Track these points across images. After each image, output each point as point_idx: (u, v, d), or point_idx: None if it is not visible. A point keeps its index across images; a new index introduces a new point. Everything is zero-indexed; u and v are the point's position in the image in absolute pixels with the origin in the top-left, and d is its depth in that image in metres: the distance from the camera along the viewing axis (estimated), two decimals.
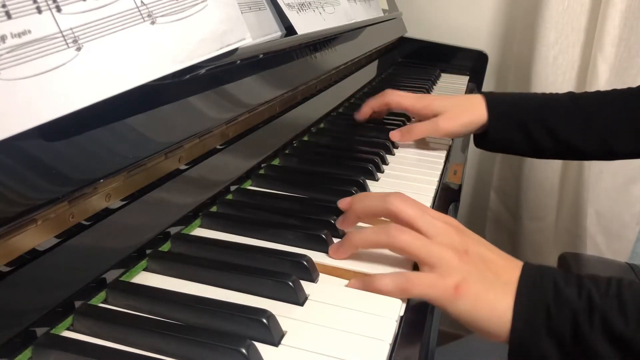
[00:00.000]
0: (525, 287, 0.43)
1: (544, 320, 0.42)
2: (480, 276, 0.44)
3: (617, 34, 1.18)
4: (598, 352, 0.40)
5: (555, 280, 0.43)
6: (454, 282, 0.43)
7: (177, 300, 0.39)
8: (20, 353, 0.33)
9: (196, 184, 0.51)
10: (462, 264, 0.44)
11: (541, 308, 0.42)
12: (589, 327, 0.41)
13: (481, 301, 0.43)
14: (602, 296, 0.41)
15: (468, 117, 0.76)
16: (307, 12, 0.69)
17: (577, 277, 0.44)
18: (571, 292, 0.42)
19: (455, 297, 0.42)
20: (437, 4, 1.44)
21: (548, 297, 0.42)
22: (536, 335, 0.42)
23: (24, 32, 0.31)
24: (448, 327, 1.55)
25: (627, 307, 0.40)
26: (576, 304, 0.41)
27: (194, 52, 0.43)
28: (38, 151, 0.34)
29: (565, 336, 0.41)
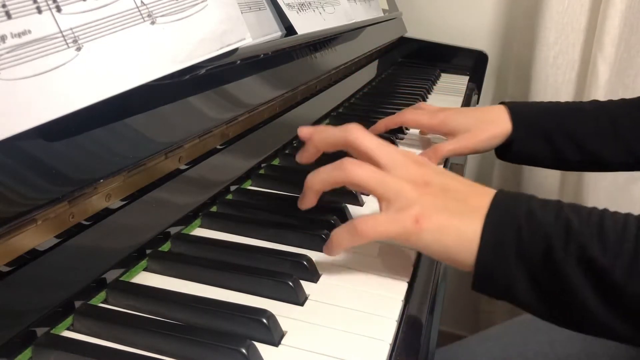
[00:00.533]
0: (496, 210, 0.41)
1: (514, 244, 0.39)
2: (443, 205, 0.42)
3: (617, 34, 1.18)
4: (570, 280, 0.38)
5: (530, 203, 0.41)
6: (413, 214, 0.41)
7: (177, 300, 0.39)
8: (20, 353, 0.33)
9: (196, 184, 0.51)
10: (421, 196, 0.42)
11: (512, 230, 0.40)
12: (563, 253, 0.38)
13: (446, 229, 0.41)
14: (581, 223, 0.39)
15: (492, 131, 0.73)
16: (307, 12, 0.69)
17: (556, 202, 0.41)
18: (547, 215, 0.40)
19: (417, 230, 0.41)
20: (437, 4, 1.44)
21: (520, 219, 0.40)
22: (504, 259, 0.39)
23: (24, 32, 0.31)
24: (448, 327, 1.55)
25: (607, 236, 0.38)
26: (551, 227, 0.39)
27: (194, 52, 0.43)
28: (38, 151, 0.34)
29: (536, 261, 0.39)
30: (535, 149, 0.74)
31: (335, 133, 0.47)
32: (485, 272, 0.40)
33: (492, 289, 0.41)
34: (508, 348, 0.71)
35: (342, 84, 0.92)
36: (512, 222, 0.40)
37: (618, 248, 0.37)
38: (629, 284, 0.37)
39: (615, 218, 0.40)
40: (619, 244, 0.38)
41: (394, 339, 0.38)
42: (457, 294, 1.59)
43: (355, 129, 0.46)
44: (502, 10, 1.40)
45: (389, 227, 0.41)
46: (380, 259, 0.48)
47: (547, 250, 0.39)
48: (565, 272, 0.38)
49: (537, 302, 0.40)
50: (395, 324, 0.40)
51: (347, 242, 0.43)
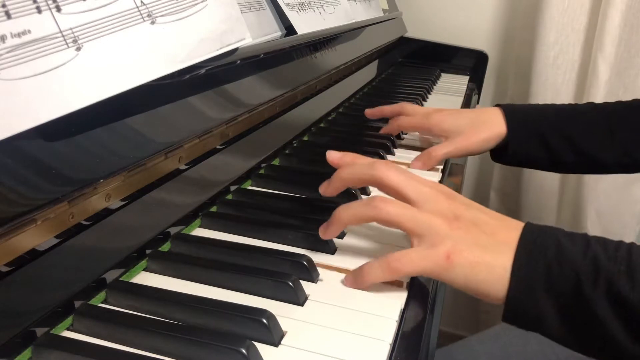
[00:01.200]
0: (525, 244, 0.42)
1: (543, 279, 0.40)
2: (473, 240, 0.42)
3: (617, 34, 1.18)
4: (599, 316, 0.39)
5: (559, 238, 0.41)
6: (445, 251, 0.41)
7: (177, 300, 0.39)
8: (20, 353, 0.33)
9: (196, 184, 0.51)
10: (452, 231, 0.43)
11: (541, 266, 0.40)
12: (591, 288, 0.39)
13: (477, 265, 0.41)
14: (610, 258, 0.39)
15: (487, 133, 0.73)
16: (307, 12, 0.69)
17: (584, 236, 0.42)
18: (575, 251, 0.40)
19: (449, 266, 0.41)
20: (437, 4, 1.44)
21: (549, 255, 0.40)
22: (534, 294, 0.40)
23: (24, 32, 0.31)
24: (448, 327, 1.56)
25: (635, 271, 0.38)
26: (580, 263, 0.40)
27: (194, 52, 0.43)
28: (38, 151, 0.34)
29: (566, 297, 0.40)
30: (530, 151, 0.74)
31: (363, 170, 0.47)
32: (515, 307, 0.41)
33: (523, 322, 0.42)
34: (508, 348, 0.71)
35: (342, 84, 0.92)
36: (541, 257, 0.40)
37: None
38: None
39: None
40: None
41: (394, 339, 0.38)
42: (457, 294, 1.59)
43: (381, 164, 0.47)
44: (502, 10, 1.40)
45: (421, 263, 0.42)
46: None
47: (576, 286, 0.39)
48: (594, 307, 0.39)
49: (568, 335, 0.40)
50: (395, 324, 0.40)
51: (379, 278, 0.43)
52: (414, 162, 0.70)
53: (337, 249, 0.49)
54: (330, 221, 0.47)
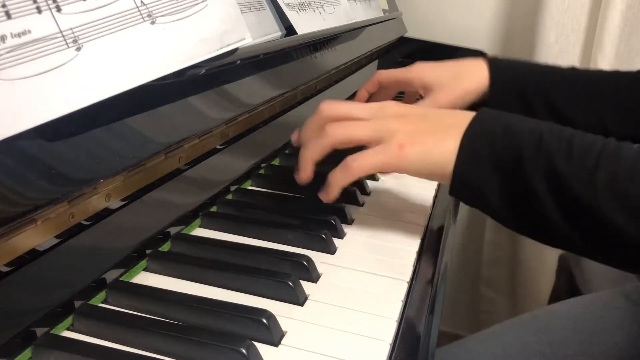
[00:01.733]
0: (475, 122, 0.44)
1: (487, 152, 0.42)
2: (423, 129, 0.45)
3: (617, 34, 1.17)
4: (535, 190, 0.41)
5: (509, 118, 0.44)
6: (397, 142, 0.45)
7: (177, 300, 0.39)
8: (20, 353, 0.33)
9: (196, 184, 0.51)
10: (402, 125, 0.46)
11: (487, 139, 0.43)
12: (532, 161, 0.41)
13: (428, 148, 0.44)
14: (553, 137, 0.42)
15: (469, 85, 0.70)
16: (307, 12, 0.69)
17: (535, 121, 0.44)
18: (523, 128, 0.43)
19: (403, 154, 0.44)
20: (437, 4, 1.44)
21: (497, 131, 0.43)
22: (478, 167, 0.43)
23: (24, 32, 0.31)
24: (448, 327, 1.55)
25: (573, 150, 0.41)
26: (525, 138, 0.42)
27: (194, 52, 0.43)
28: (38, 151, 0.34)
29: (507, 170, 0.42)
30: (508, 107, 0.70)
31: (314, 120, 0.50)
32: (460, 179, 0.44)
33: (467, 195, 0.45)
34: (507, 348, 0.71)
35: (342, 84, 0.92)
36: (490, 133, 0.43)
37: (580, 162, 0.40)
38: (584, 195, 0.40)
39: (584, 136, 0.43)
40: (581, 158, 0.41)
41: (394, 339, 0.38)
42: (457, 294, 1.59)
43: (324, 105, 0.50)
44: (502, 10, 1.40)
45: (377, 157, 0.45)
46: (380, 259, 0.48)
47: (518, 159, 0.42)
48: (532, 181, 0.41)
49: (506, 210, 0.43)
50: (395, 324, 0.40)
51: (342, 181, 0.46)
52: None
53: (337, 249, 0.49)
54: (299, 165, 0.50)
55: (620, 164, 0.40)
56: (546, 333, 0.71)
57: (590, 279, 0.98)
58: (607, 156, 0.41)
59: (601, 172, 0.40)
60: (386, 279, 0.45)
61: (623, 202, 0.39)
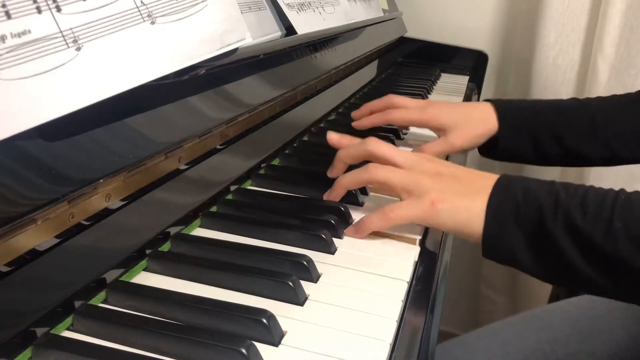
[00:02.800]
0: (498, 188, 0.49)
1: (513, 214, 0.47)
2: (453, 189, 0.50)
3: (617, 34, 1.17)
4: (558, 244, 0.45)
5: (527, 182, 0.49)
6: (429, 199, 0.49)
7: (177, 300, 0.39)
8: (20, 353, 0.33)
9: (196, 184, 0.51)
10: (434, 183, 0.50)
11: (511, 204, 0.47)
12: (552, 219, 0.45)
13: (457, 208, 0.48)
14: (568, 195, 0.46)
15: (480, 130, 0.74)
16: (307, 12, 0.69)
17: (551, 181, 0.49)
18: (540, 190, 0.47)
19: (434, 211, 0.49)
20: (437, 4, 1.44)
21: (518, 195, 0.48)
22: (505, 228, 0.47)
23: (24, 32, 0.31)
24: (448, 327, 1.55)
25: (588, 205, 0.45)
26: (543, 200, 0.46)
27: (194, 52, 0.43)
28: (38, 151, 0.34)
29: (532, 229, 0.46)
30: (519, 145, 0.76)
31: (357, 148, 0.56)
32: (490, 241, 0.48)
33: (498, 255, 0.48)
34: (507, 345, 0.71)
35: (342, 84, 0.92)
36: (511, 196, 0.48)
37: (596, 215, 0.45)
38: (605, 245, 0.44)
39: (596, 191, 0.47)
40: (597, 212, 0.45)
41: (394, 339, 0.38)
42: (457, 294, 1.59)
43: (373, 141, 0.55)
44: (502, 10, 1.40)
45: (412, 211, 0.50)
46: (380, 259, 0.48)
47: (540, 219, 0.46)
48: (554, 237, 0.45)
49: (535, 264, 0.47)
50: (395, 324, 0.40)
51: (376, 226, 0.51)
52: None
53: (337, 249, 0.49)
54: (333, 187, 0.56)
55: (632, 211, 0.44)
56: (546, 331, 0.71)
57: None
58: (620, 207, 0.45)
59: (616, 222, 0.44)
60: (386, 279, 0.45)
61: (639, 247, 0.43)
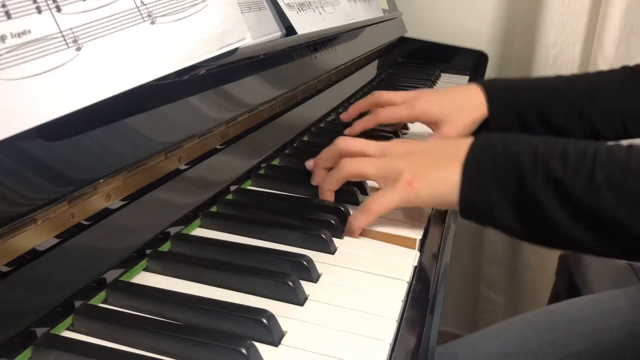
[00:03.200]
0: (474, 147, 0.48)
1: (490, 172, 0.46)
2: (427, 164, 0.50)
3: (617, 34, 1.18)
4: (540, 199, 0.44)
5: (506, 138, 0.48)
6: (406, 180, 0.49)
7: (177, 300, 0.39)
8: (20, 353, 0.33)
9: (196, 184, 0.51)
10: (408, 163, 0.50)
11: (488, 161, 0.47)
12: (531, 173, 0.45)
13: (434, 181, 0.48)
14: (548, 149, 0.46)
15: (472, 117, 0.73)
16: (307, 12, 0.69)
17: (529, 137, 0.48)
18: (519, 145, 0.47)
19: (412, 191, 0.49)
20: (437, 4, 1.44)
21: (496, 151, 0.47)
22: (483, 187, 0.46)
23: (24, 32, 0.31)
24: (448, 327, 1.55)
25: (568, 157, 0.45)
26: (522, 154, 0.46)
27: (194, 52, 0.43)
28: (38, 151, 0.34)
29: (511, 186, 0.45)
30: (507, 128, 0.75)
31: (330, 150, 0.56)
32: (468, 201, 0.47)
33: (477, 215, 0.48)
34: (508, 346, 0.71)
35: (342, 84, 0.92)
36: (489, 154, 0.47)
37: (577, 167, 0.44)
38: (587, 197, 0.43)
39: (576, 144, 0.46)
40: (577, 164, 0.44)
41: (394, 339, 0.38)
42: (457, 294, 1.59)
43: (341, 139, 0.56)
44: (502, 10, 1.40)
45: (392, 197, 0.49)
46: (380, 259, 0.48)
47: (519, 175, 0.45)
48: (535, 192, 0.45)
49: (516, 223, 0.46)
50: (395, 324, 0.40)
51: (364, 222, 0.50)
52: None
53: (337, 249, 0.49)
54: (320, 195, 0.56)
55: (614, 163, 0.44)
56: (547, 332, 0.71)
57: (590, 279, 0.98)
58: (601, 158, 0.44)
59: (598, 173, 0.43)
60: (386, 279, 0.45)
61: (622, 198, 0.43)
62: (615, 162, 0.44)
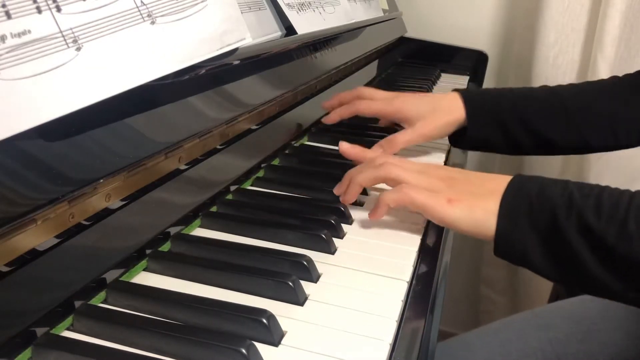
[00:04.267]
0: (512, 187, 0.49)
1: (526, 214, 0.47)
2: (467, 190, 0.51)
3: (617, 34, 1.17)
4: (572, 245, 0.45)
5: (542, 181, 0.49)
6: (446, 197, 0.50)
7: (177, 300, 0.39)
8: (20, 353, 0.33)
9: (196, 184, 0.51)
10: (449, 187, 0.52)
11: (524, 203, 0.47)
12: (565, 219, 0.45)
13: (473, 207, 0.49)
14: (582, 196, 0.46)
15: (446, 119, 0.74)
16: (307, 12, 0.69)
17: (565, 180, 0.49)
18: (554, 190, 0.47)
19: (450, 207, 0.50)
20: (437, 4, 1.44)
21: (532, 194, 0.47)
22: (518, 228, 0.47)
23: (24, 32, 0.31)
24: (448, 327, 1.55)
25: (602, 205, 0.45)
26: (557, 200, 0.46)
27: (194, 52, 0.43)
28: (38, 151, 0.34)
29: (545, 229, 0.46)
30: (488, 134, 0.75)
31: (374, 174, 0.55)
32: (503, 240, 0.48)
33: (510, 254, 0.48)
34: (507, 344, 0.71)
35: (342, 84, 0.92)
36: (525, 196, 0.48)
37: (610, 216, 0.44)
38: (619, 246, 0.43)
39: (611, 191, 0.47)
40: (611, 212, 0.44)
41: (394, 339, 0.38)
42: (457, 294, 1.59)
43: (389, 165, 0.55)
44: (502, 10, 1.40)
45: (429, 200, 0.50)
46: (380, 259, 0.48)
47: (554, 220, 0.46)
48: (568, 237, 0.45)
49: (547, 265, 0.47)
50: (395, 324, 0.40)
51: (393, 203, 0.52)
52: (375, 147, 0.71)
53: (337, 249, 0.49)
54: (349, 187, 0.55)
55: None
56: (546, 331, 0.71)
57: None
58: (635, 208, 0.44)
59: (631, 223, 0.43)
60: (386, 279, 0.45)
61: None
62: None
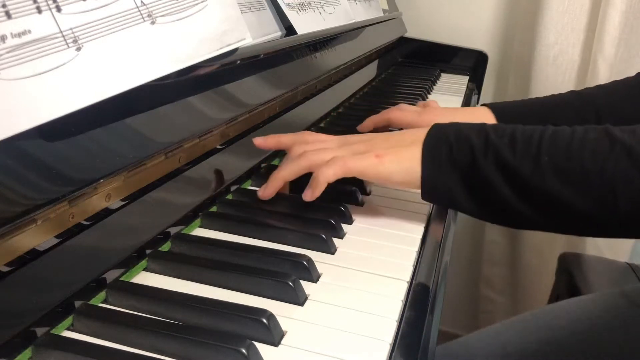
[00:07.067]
0: (431, 134, 0.52)
1: (446, 156, 0.50)
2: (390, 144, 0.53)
3: (617, 34, 1.17)
4: (491, 181, 0.48)
5: (459, 126, 0.52)
6: (373, 154, 0.52)
7: (177, 300, 0.39)
8: (20, 353, 0.33)
9: (196, 184, 0.51)
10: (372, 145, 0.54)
11: (444, 147, 0.50)
12: (484, 159, 0.48)
13: (401, 156, 0.51)
14: (498, 135, 0.49)
15: None
16: (307, 12, 0.69)
17: (480, 123, 0.52)
18: (471, 132, 0.50)
19: (381, 162, 0.51)
20: (437, 4, 1.44)
21: (450, 138, 0.51)
22: (441, 169, 0.50)
23: (24, 32, 0.31)
24: (448, 327, 1.55)
25: (516, 142, 0.48)
26: (474, 140, 0.49)
27: (194, 52, 0.43)
28: (38, 151, 0.34)
29: (465, 169, 0.49)
30: None
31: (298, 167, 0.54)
32: (428, 183, 0.51)
33: (437, 197, 0.52)
34: (507, 346, 0.71)
35: (342, 84, 0.92)
36: (445, 140, 0.51)
37: (524, 151, 0.48)
38: (534, 179, 0.47)
39: (524, 129, 0.50)
40: (525, 148, 0.48)
41: (394, 339, 0.38)
42: (457, 294, 1.59)
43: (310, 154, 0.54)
44: (502, 10, 1.40)
45: (359, 162, 0.51)
46: (380, 259, 0.48)
47: (473, 159, 0.49)
48: (488, 175, 0.48)
49: (472, 204, 0.50)
50: (395, 324, 0.40)
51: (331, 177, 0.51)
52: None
53: (337, 249, 0.49)
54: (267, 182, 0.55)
55: (557, 146, 0.47)
56: (546, 332, 0.71)
57: (590, 279, 0.98)
58: (546, 142, 0.48)
59: (543, 156, 0.47)
60: (386, 279, 0.45)
61: (565, 179, 0.46)
62: (559, 144, 0.47)
